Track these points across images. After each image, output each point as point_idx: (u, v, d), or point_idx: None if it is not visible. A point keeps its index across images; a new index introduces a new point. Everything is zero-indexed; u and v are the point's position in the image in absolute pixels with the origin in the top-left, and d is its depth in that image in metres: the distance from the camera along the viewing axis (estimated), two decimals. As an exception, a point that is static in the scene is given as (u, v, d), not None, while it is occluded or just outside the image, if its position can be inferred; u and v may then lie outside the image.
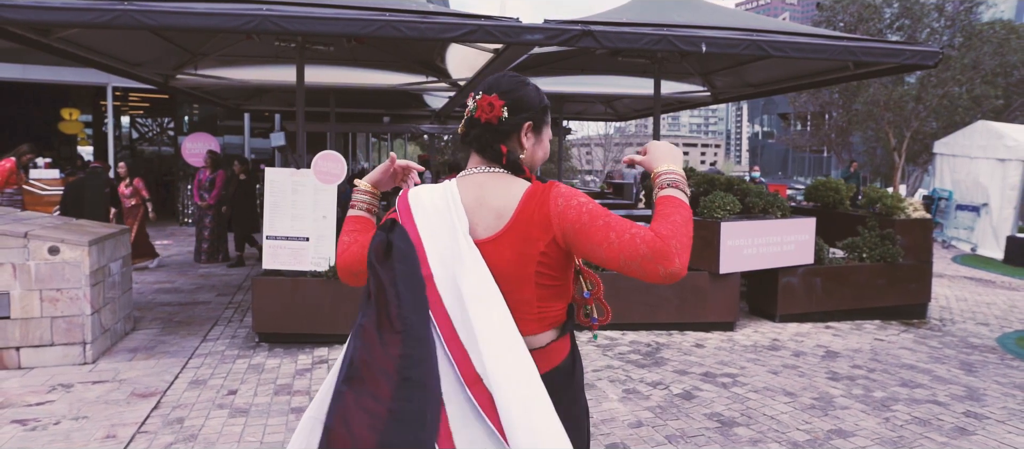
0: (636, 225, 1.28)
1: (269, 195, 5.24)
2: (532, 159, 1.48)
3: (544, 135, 1.49)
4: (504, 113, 1.40)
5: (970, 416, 3.85)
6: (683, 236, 1.27)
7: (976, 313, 6.98)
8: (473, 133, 1.45)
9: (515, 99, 1.43)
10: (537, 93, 1.48)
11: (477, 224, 1.38)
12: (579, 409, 1.48)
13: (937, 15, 18.15)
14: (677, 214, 1.31)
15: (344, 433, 1.11)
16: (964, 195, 13.73)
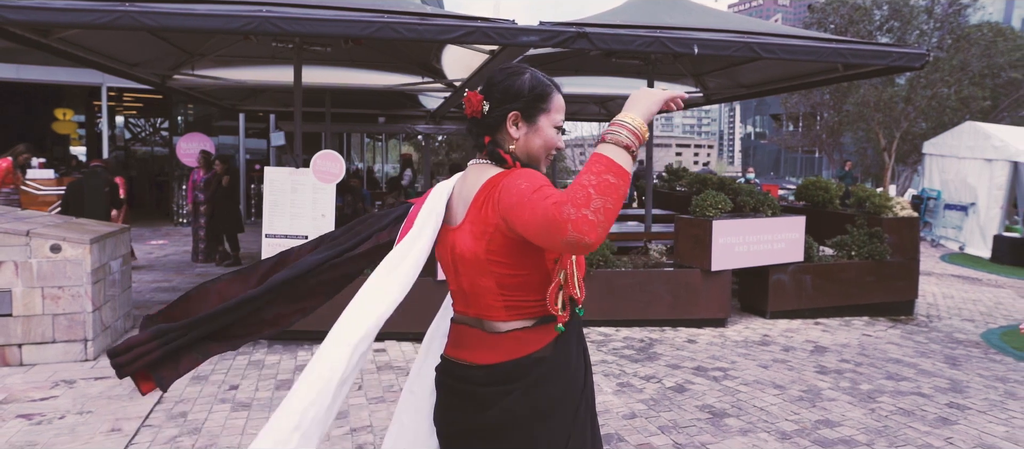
0: (556, 193, 1.17)
1: (269, 194, 5.31)
2: (526, 148, 1.43)
3: (540, 123, 1.42)
4: (485, 108, 1.41)
5: (953, 407, 3.97)
6: (584, 198, 1.11)
7: (962, 310, 7.12)
8: (468, 129, 1.51)
9: (501, 90, 1.41)
10: (528, 81, 1.42)
11: (454, 213, 1.47)
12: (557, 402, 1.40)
13: (926, 17, 18.37)
14: (589, 173, 1.15)
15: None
16: (952, 195, 13.93)
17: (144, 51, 7.15)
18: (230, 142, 15.12)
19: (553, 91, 1.44)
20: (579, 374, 1.46)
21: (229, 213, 8.85)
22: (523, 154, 1.43)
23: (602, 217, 1.11)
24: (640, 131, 1.21)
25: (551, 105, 1.43)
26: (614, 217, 1.13)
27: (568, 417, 1.41)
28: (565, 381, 1.42)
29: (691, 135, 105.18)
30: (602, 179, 1.13)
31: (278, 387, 4.19)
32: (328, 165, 5.30)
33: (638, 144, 1.21)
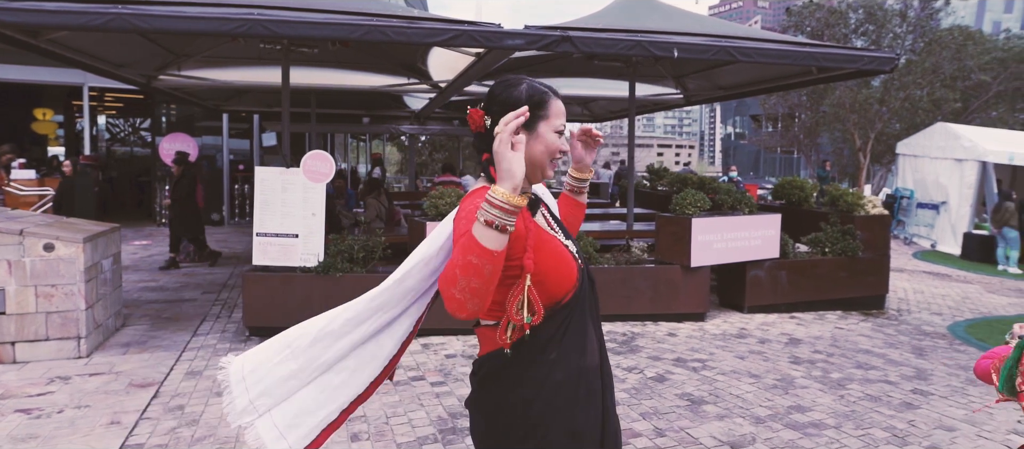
0: (453, 261, 1.24)
1: (259, 193, 5.40)
2: (529, 155, 1.46)
3: (540, 129, 1.46)
4: (487, 122, 1.46)
5: (917, 393, 4.20)
6: (451, 279, 1.21)
7: (931, 304, 7.42)
8: (474, 144, 1.59)
9: (500, 103, 1.46)
10: (526, 91, 1.47)
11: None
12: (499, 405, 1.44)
13: (900, 21, 18.88)
14: (459, 253, 1.22)
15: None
16: (925, 194, 14.34)
17: (131, 52, 7.19)
18: (213, 142, 15.07)
19: (551, 97, 1.48)
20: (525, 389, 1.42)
21: (184, 214, 8.56)
22: (528, 161, 1.45)
23: (467, 296, 1.20)
24: (505, 201, 1.21)
25: (550, 111, 1.47)
26: (483, 293, 1.20)
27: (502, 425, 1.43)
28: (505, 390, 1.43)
29: (672, 136, 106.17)
30: (466, 260, 1.20)
31: (272, 381, 4.30)
32: (318, 165, 5.41)
33: (504, 215, 1.21)
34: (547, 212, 1.57)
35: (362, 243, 5.56)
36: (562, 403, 1.43)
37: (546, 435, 1.40)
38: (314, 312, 4.78)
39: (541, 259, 1.38)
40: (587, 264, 1.56)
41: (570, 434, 1.42)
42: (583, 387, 1.45)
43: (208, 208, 13.78)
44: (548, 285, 1.39)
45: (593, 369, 1.49)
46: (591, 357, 1.49)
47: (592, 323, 1.51)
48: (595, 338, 1.51)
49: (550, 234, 1.48)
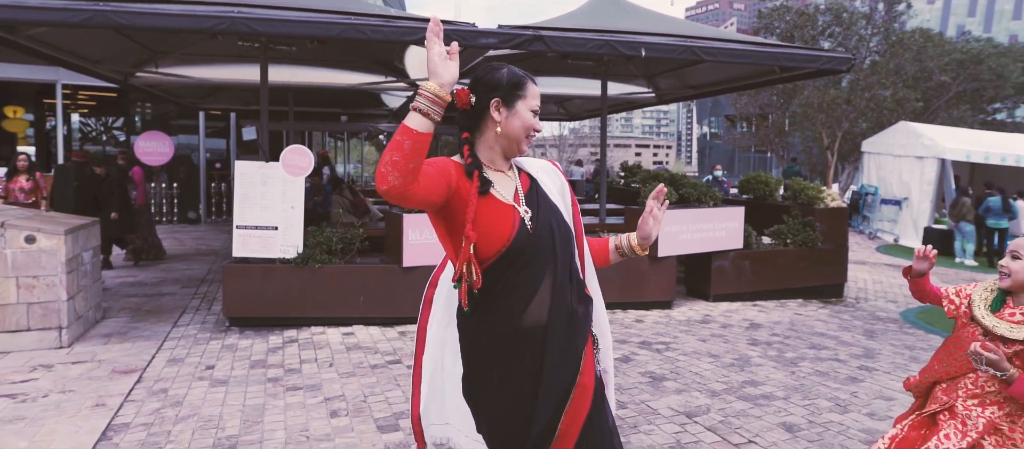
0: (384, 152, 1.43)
1: (239, 187, 5.53)
2: (508, 130, 1.66)
3: (518, 107, 1.65)
4: (472, 100, 1.66)
5: (863, 369, 4.51)
6: (380, 159, 1.40)
7: (888, 293, 7.79)
8: (458, 122, 1.77)
9: (483, 83, 1.66)
10: (506, 74, 1.66)
11: None
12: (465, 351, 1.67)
13: (865, 23, 19.46)
14: (389, 144, 1.42)
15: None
16: (888, 190, 14.86)
17: (108, 48, 7.24)
18: (189, 141, 15.03)
19: (527, 81, 1.68)
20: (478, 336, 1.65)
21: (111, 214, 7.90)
22: (505, 134, 1.67)
23: (389, 168, 1.38)
24: (433, 93, 1.42)
25: (526, 92, 1.66)
26: (402, 167, 1.37)
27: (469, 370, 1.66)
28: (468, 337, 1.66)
29: (650, 136, 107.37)
30: (394, 139, 1.40)
31: (252, 366, 4.45)
32: (297, 159, 5.56)
33: (429, 104, 1.41)
34: (523, 185, 1.73)
35: (340, 235, 5.71)
36: (488, 355, 1.63)
37: (476, 379, 1.65)
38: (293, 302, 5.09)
39: (476, 220, 1.59)
40: (555, 229, 1.70)
41: (495, 382, 1.63)
42: (510, 347, 1.62)
43: (185, 206, 13.78)
44: (479, 242, 1.59)
45: (532, 327, 1.63)
46: (533, 316, 1.63)
47: (550, 284, 1.65)
48: (550, 298, 1.65)
49: (499, 203, 1.65)
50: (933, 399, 2.17)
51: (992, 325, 2.02)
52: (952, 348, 2.15)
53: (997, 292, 2.10)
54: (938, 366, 2.18)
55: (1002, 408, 2.01)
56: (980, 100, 20.75)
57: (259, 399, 3.83)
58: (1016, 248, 2.04)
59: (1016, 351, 1.97)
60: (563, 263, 1.68)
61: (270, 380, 4.17)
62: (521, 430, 1.62)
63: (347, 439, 3.29)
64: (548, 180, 1.79)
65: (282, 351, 4.82)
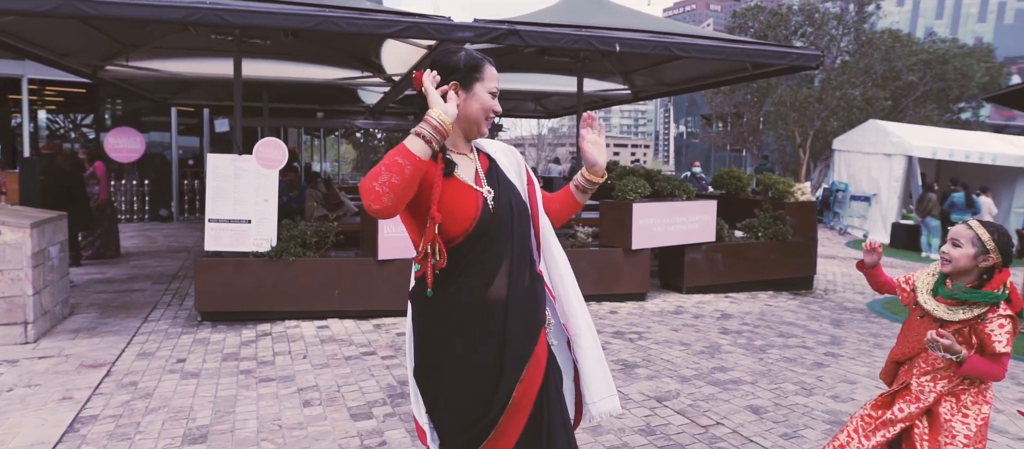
0: (381, 163, 1.46)
1: (211, 180, 5.48)
2: (467, 112, 1.67)
3: (476, 90, 1.67)
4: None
5: (828, 355, 4.62)
6: (375, 174, 1.41)
7: (855, 285, 7.97)
8: (419, 105, 1.74)
9: (441, 66, 1.66)
10: (464, 57, 1.67)
11: None
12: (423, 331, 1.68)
13: (836, 23, 19.87)
14: (388, 155, 1.44)
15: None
16: (858, 187, 15.19)
17: (76, 40, 7.10)
18: (160, 139, 14.77)
19: (485, 63, 1.69)
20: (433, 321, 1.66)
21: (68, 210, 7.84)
22: (465, 116, 1.68)
23: (385, 190, 1.42)
24: (438, 120, 1.49)
25: (484, 74, 1.69)
26: (398, 190, 1.42)
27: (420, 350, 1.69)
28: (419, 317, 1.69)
29: (628, 135, 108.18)
30: (393, 159, 1.43)
31: (225, 359, 4.41)
32: (271, 152, 5.53)
33: (433, 132, 1.48)
34: (483, 166, 1.76)
35: (315, 228, 5.69)
36: (448, 334, 1.64)
37: (437, 356, 1.66)
38: (266, 296, 5.04)
39: (442, 202, 1.61)
40: (515, 209, 1.73)
41: (456, 361, 1.64)
42: (473, 321, 1.64)
43: (156, 204, 13.55)
44: (445, 224, 1.61)
45: (494, 301, 1.65)
46: (495, 292, 1.66)
47: (508, 264, 1.68)
48: (508, 275, 1.68)
49: (462, 185, 1.67)
50: (897, 380, 2.29)
51: (932, 309, 2.16)
52: (907, 330, 2.28)
53: (938, 276, 2.22)
54: (897, 348, 2.30)
55: (951, 381, 2.13)
56: (946, 99, 21.32)
57: (231, 390, 3.81)
58: (957, 236, 2.15)
59: (957, 330, 2.09)
60: (521, 241, 1.72)
61: (242, 372, 4.14)
62: (483, 403, 1.64)
63: (320, 427, 3.29)
64: (506, 161, 1.82)
65: (255, 344, 4.79)
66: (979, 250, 2.11)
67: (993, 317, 2.06)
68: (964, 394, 2.13)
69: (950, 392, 2.13)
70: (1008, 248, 2.13)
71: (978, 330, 2.07)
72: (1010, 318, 2.06)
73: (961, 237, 2.14)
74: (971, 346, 2.08)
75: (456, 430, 1.67)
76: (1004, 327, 2.04)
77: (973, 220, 2.18)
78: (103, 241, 8.57)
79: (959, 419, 2.10)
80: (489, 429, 1.64)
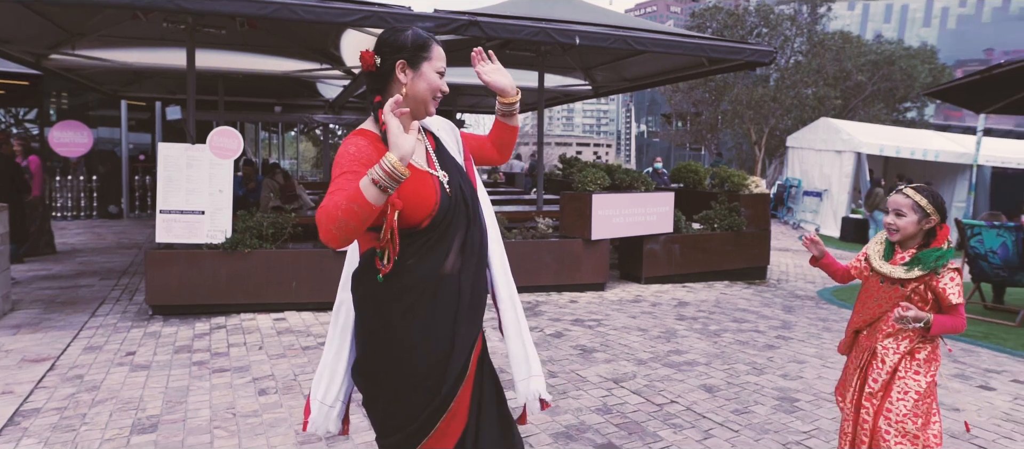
0: (331, 194, 1.43)
1: (163, 170, 5.33)
2: (414, 91, 1.64)
3: (424, 69, 1.64)
4: (377, 61, 1.62)
5: (779, 338, 4.77)
6: (332, 217, 1.39)
7: (807, 275, 8.24)
8: (366, 86, 1.76)
9: (388, 45, 1.63)
10: (411, 35, 1.64)
11: None
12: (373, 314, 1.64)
13: (790, 24, 20.46)
14: (345, 198, 1.40)
15: None
16: (810, 183, 15.66)
17: (18, 27, 6.82)
18: (110, 135, 14.26)
19: (432, 42, 1.66)
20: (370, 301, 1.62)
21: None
22: (412, 97, 1.64)
23: (342, 233, 1.41)
24: (393, 168, 1.40)
25: (432, 54, 1.65)
26: (355, 232, 1.42)
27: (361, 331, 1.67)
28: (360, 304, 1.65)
29: (591, 134, 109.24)
30: (349, 206, 1.39)
31: (177, 351, 4.30)
32: (225, 141, 5.40)
33: (389, 180, 1.40)
34: (431, 145, 1.76)
35: (272, 220, 5.59)
36: (408, 312, 1.60)
37: (395, 333, 1.61)
38: (221, 289, 4.95)
39: (402, 191, 1.57)
40: (464, 187, 1.73)
41: (405, 345, 1.60)
42: (427, 297, 1.62)
43: (105, 200, 13.07)
44: (406, 212, 1.58)
45: (447, 278, 1.65)
46: (449, 268, 1.65)
47: (461, 241, 1.69)
48: (461, 253, 1.67)
49: (417, 170, 1.65)
50: (858, 346, 2.42)
51: (888, 271, 2.30)
52: (864, 298, 2.42)
53: (886, 243, 2.37)
54: (857, 317, 2.44)
55: (912, 341, 2.27)
56: (893, 99, 22.17)
57: (183, 382, 3.72)
58: (898, 206, 2.28)
59: (914, 288, 2.24)
60: (471, 222, 1.72)
61: (195, 364, 4.05)
62: (437, 376, 1.62)
63: (276, 414, 3.24)
64: (447, 136, 1.82)
65: (209, 337, 4.68)
66: (921, 215, 2.26)
67: (944, 271, 2.22)
68: (920, 353, 2.27)
69: (908, 352, 2.27)
70: (943, 205, 2.29)
71: (932, 286, 2.23)
72: (957, 270, 2.23)
73: (902, 206, 2.28)
74: (927, 302, 2.24)
75: (400, 422, 1.62)
76: (955, 280, 2.21)
77: (907, 188, 2.31)
78: (34, 238, 8.21)
79: (912, 376, 2.24)
80: (437, 415, 1.62)
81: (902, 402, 2.21)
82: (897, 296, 2.26)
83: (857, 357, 2.40)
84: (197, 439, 2.96)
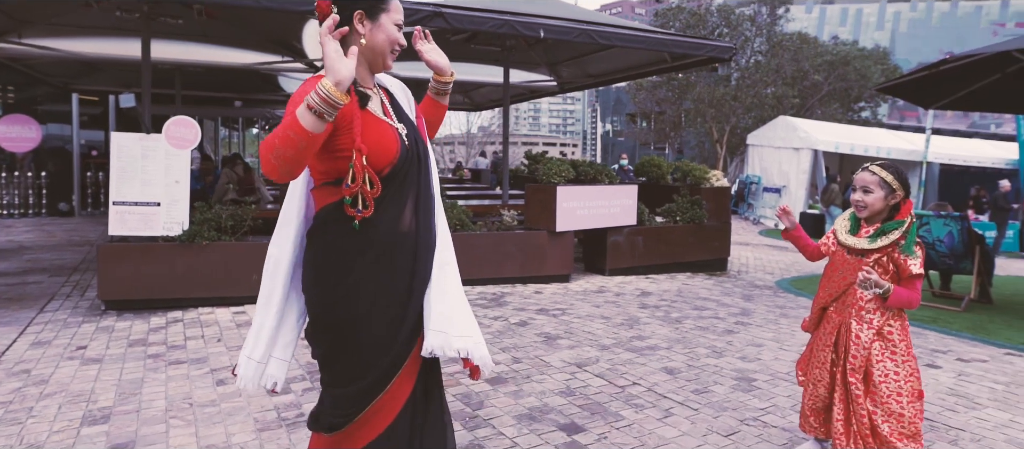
0: (277, 130, 1.44)
1: (116, 160, 5.16)
2: (372, 42, 1.64)
3: (382, 20, 1.64)
4: (334, 10, 1.57)
5: (738, 324, 4.89)
6: (270, 146, 1.40)
7: (766, 267, 8.44)
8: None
9: None
10: None
11: None
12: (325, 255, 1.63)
13: (750, 25, 20.93)
14: (282, 127, 1.41)
15: None
16: (769, 179, 16.05)
17: (-42, 13, 6.52)
18: (60, 132, 13.71)
19: None
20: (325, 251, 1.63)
21: None
22: (370, 48, 1.65)
23: (280, 163, 1.41)
24: (328, 94, 1.39)
25: (390, 5, 1.66)
26: (293, 162, 1.41)
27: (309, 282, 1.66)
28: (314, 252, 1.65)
29: (557, 134, 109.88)
30: (286, 133, 1.40)
31: (131, 345, 4.18)
32: (182, 131, 5.27)
33: (324, 105, 1.39)
34: (387, 99, 1.77)
35: (231, 212, 5.47)
36: (373, 266, 1.62)
37: (355, 284, 1.61)
38: (177, 282, 4.82)
39: (365, 137, 1.59)
40: (419, 143, 1.75)
41: (377, 292, 1.62)
42: (388, 251, 1.64)
43: (55, 197, 12.60)
44: (370, 160, 1.59)
45: (405, 235, 1.68)
46: (404, 224, 1.68)
47: (414, 198, 1.71)
48: (415, 209, 1.70)
49: (377, 118, 1.67)
50: (827, 319, 2.50)
51: (854, 243, 2.41)
52: (831, 273, 2.52)
53: (852, 219, 2.49)
54: (823, 293, 2.53)
55: (883, 315, 2.36)
56: (848, 99, 22.87)
57: (137, 374, 3.61)
58: (865, 183, 2.38)
59: (876, 259, 2.34)
60: (426, 178, 1.75)
61: (151, 357, 3.94)
62: (393, 332, 1.63)
63: (234, 403, 3.18)
64: (401, 95, 1.84)
65: (165, 330, 4.56)
66: (887, 191, 2.36)
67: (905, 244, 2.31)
68: (891, 333, 2.36)
69: (878, 333, 2.36)
70: (907, 181, 2.40)
71: (894, 258, 2.32)
72: (918, 244, 2.33)
73: (869, 183, 2.38)
74: (888, 273, 2.33)
75: (355, 373, 1.62)
76: (917, 253, 2.31)
77: (873, 166, 2.40)
78: None
79: (888, 357, 2.34)
80: (393, 371, 1.63)
81: (884, 384, 2.31)
82: (862, 268, 2.36)
83: (827, 333, 2.47)
84: (151, 429, 2.88)
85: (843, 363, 2.40)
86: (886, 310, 2.35)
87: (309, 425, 1.73)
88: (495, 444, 2.72)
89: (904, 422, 2.29)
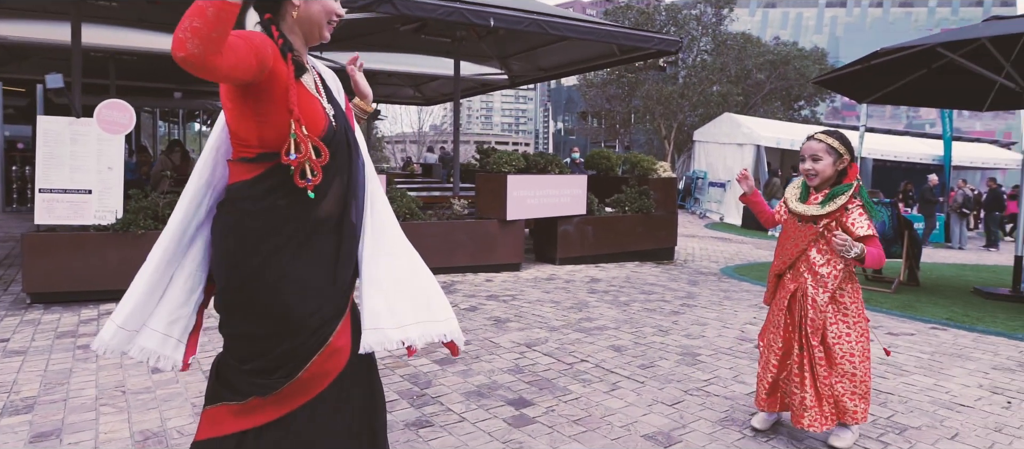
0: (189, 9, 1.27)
1: (43, 145, 4.89)
2: (308, 12, 1.60)
3: None
4: None
5: (684, 306, 5.01)
6: (180, 24, 1.22)
7: (711, 255, 8.68)
8: (254, 4, 1.66)
9: None
10: None
11: None
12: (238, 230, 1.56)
13: (696, 24, 21.48)
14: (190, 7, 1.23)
15: None
16: (715, 174, 16.51)
17: None
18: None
19: None
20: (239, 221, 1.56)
21: None
22: (305, 17, 1.59)
23: (188, 35, 1.21)
24: None
25: None
26: (201, 35, 1.21)
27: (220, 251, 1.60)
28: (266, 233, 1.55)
29: (509, 133, 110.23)
30: (198, 5, 1.22)
31: (59, 337, 3.97)
32: (115, 115, 5.03)
33: None
34: (319, 81, 1.72)
35: (168, 200, 5.26)
36: (279, 243, 1.54)
37: (260, 266, 1.54)
38: (110, 274, 4.60)
39: (300, 107, 1.53)
40: (347, 130, 1.71)
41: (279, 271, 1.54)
42: (303, 234, 1.58)
43: (-22, 193, 11.85)
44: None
45: (324, 221, 1.61)
46: (328, 208, 1.61)
47: (342, 186, 1.65)
48: (338, 198, 1.64)
49: (309, 93, 1.61)
50: (782, 287, 2.56)
51: (804, 210, 2.48)
52: (783, 241, 2.59)
53: (802, 188, 2.56)
54: (777, 261, 2.60)
55: (837, 279, 2.42)
56: (788, 97, 23.76)
57: (65, 365, 3.43)
58: (813, 152, 2.47)
59: (825, 225, 2.42)
60: (355, 164, 1.70)
61: (80, 348, 3.74)
62: (310, 316, 1.56)
63: (171, 389, 3.06)
64: (332, 82, 1.80)
65: (97, 323, 4.34)
66: (835, 156, 2.44)
67: (852, 207, 2.40)
68: (843, 297, 2.45)
69: (832, 297, 2.44)
70: (850, 144, 2.48)
71: (842, 223, 2.40)
72: (860, 206, 2.42)
73: (817, 151, 2.46)
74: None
75: (258, 350, 1.56)
76: (863, 214, 2.40)
77: (818, 134, 2.49)
78: None
79: (841, 320, 2.42)
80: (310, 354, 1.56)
81: (837, 345, 2.39)
82: (811, 234, 2.44)
83: (780, 298, 2.54)
84: (79, 417, 2.74)
85: (800, 327, 2.46)
86: (840, 274, 2.41)
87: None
88: (443, 419, 2.70)
89: (856, 381, 2.39)
